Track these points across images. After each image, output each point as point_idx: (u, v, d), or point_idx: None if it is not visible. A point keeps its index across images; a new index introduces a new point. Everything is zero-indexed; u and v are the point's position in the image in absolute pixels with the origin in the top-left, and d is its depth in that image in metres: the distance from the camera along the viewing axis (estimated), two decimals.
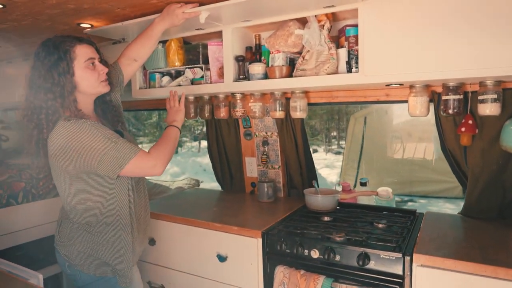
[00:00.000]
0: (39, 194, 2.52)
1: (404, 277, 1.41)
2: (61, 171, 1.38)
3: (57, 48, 1.36)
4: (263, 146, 2.37)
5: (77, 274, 1.47)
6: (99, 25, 1.96)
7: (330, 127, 12.51)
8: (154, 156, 1.42)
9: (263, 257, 1.71)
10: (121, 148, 1.34)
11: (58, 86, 1.35)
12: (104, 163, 1.32)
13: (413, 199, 6.47)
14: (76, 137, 1.31)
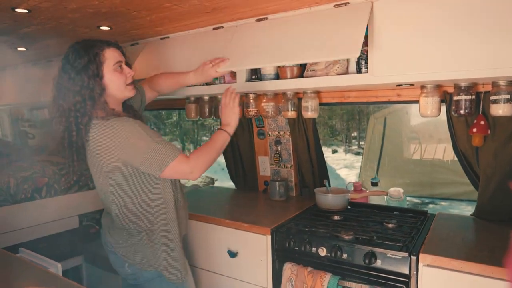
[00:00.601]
0: (61, 189, 2.64)
1: (410, 277, 1.41)
2: (106, 172, 1.39)
3: (87, 52, 1.38)
4: (275, 145, 2.40)
5: (137, 273, 1.49)
6: (117, 27, 2.05)
7: (351, 127, 12.38)
8: (193, 163, 1.41)
9: (272, 254, 1.75)
10: (162, 150, 1.35)
11: (87, 89, 1.36)
12: (146, 163, 1.34)
13: (435, 201, 6.34)
14: (121, 134, 1.32)
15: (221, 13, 1.82)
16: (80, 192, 2.75)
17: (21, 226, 2.41)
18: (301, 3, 1.68)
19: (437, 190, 6.41)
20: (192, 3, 1.67)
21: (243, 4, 1.70)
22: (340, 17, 1.63)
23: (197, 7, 1.71)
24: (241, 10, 1.79)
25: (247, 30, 1.91)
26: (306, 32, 1.70)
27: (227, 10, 1.76)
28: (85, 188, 2.78)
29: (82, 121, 1.36)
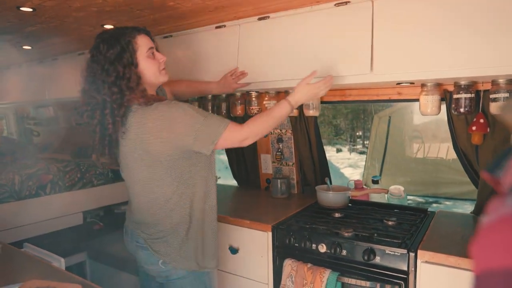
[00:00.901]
0: (65, 186, 2.68)
1: (408, 273, 1.42)
2: (151, 159, 1.32)
3: (118, 40, 1.31)
4: (277, 143, 2.42)
5: (171, 270, 1.43)
6: (121, 25, 2.07)
7: (355, 126, 12.36)
8: (247, 131, 1.38)
9: (273, 250, 1.77)
10: (212, 122, 1.31)
11: (123, 79, 1.29)
12: (199, 139, 1.30)
13: (439, 200, 6.33)
14: (168, 115, 1.28)
15: (223, 11, 1.84)
16: (84, 189, 2.79)
17: (25, 223, 2.44)
18: (302, 2, 1.70)
19: (441, 189, 6.38)
20: (195, 2, 1.69)
21: (245, 3, 1.72)
22: (343, 20, 1.64)
23: (199, 6, 1.73)
24: (243, 9, 1.81)
25: (250, 30, 1.93)
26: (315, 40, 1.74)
27: (229, 9, 1.78)
28: (89, 185, 2.82)
29: (119, 112, 1.29)
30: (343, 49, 1.66)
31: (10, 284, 1.16)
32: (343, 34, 1.65)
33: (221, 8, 1.78)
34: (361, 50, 1.60)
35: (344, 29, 1.65)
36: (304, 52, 1.77)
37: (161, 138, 1.28)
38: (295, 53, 1.81)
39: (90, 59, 1.35)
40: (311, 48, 1.75)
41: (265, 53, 1.90)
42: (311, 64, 1.76)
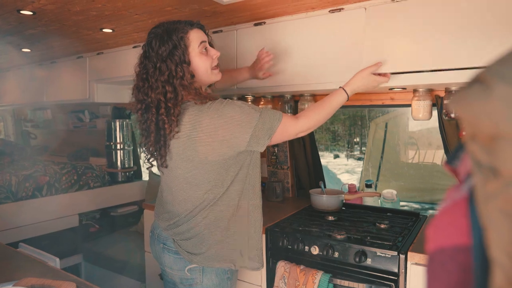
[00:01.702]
0: (62, 188, 2.69)
1: (399, 275, 1.45)
2: (203, 158, 1.27)
3: (170, 36, 1.26)
4: (273, 147, 2.45)
5: (196, 278, 1.38)
6: (119, 29, 2.10)
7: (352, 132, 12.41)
8: (301, 124, 1.34)
9: (266, 252, 1.78)
10: (267, 118, 1.27)
11: (177, 78, 1.25)
12: (255, 136, 1.26)
13: (434, 207, 6.35)
14: (224, 114, 1.23)
15: (220, 17, 1.88)
16: (80, 191, 2.80)
17: (22, 224, 2.45)
18: (298, 8, 1.74)
19: (437, 195, 6.41)
20: (192, 7, 1.73)
21: (242, 9, 1.75)
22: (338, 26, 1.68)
23: (197, 11, 1.77)
24: (240, 15, 1.84)
25: (247, 35, 1.96)
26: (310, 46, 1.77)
27: (226, 14, 1.82)
28: (86, 188, 2.84)
29: (174, 111, 1.24)
30: (338, 54, 1.70)
31: (5, 282, 1.17)
32: (338, 40, 1.69)
33: (218, 13, 1.81)
34: (354, 56, 1.64)
35: (338, 35, 1.69)
36: (300, 57, 1.81)
37: (215, 137, 1.24)
38: (290, 58, 1.84)
39: (142, 55, 1.31)
40: (306, 54, 1.79)
41: None
42: (306, 70, 1.81)
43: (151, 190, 2.99)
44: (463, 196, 0.41)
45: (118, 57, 2.58)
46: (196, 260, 1.36)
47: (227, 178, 1.32)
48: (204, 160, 1.27)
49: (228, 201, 1.35)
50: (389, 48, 1.55)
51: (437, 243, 0.43)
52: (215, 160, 1.27)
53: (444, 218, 0.43)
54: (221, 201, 1.34)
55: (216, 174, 1.30)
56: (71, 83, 2.91)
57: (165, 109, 1.24)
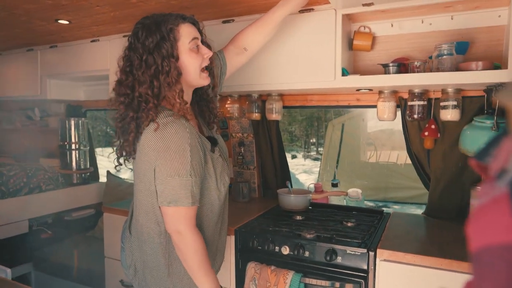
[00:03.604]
0: (9, 192, 2.48)
1: (368, 271, 1.48)
2: (141, 174, 1.23)
3: (159, 27, 1.16)
4: (239, 147, 2.42)
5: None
6: (77, 21, 1.97)
7: (309, 133, 12.71)
8: (189, 235, 1.18)
9: (236, 254, 1.75)
10: (188, 188, 1.15)
11: (163, 73, 1.15)
12: (163, 185, 1.15)
13: (387, 204, 6.66)
14: (166, 140, 1.13)
15: (187, 12, 1.78)
16: (30, 194, 2.60)
17: None
18: (267, 6, 1.71)
19: (390, 194, 6.73)
20: (158, 1, 1.66)
21: (210, 5, 1.71)
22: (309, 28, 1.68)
23: (163, 5, 1.70)
24: (208, 11, 1.80)
25: (215, 32, 1.91)
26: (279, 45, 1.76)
27: (194, 10, 1.76)
28: (37, 190, 2.63)
29: (156, 110, 1.16)
30: (307, 55, 1.71)
31: None
32: (308, 40, 1.70)
33: (185, 8, 1.76)
34: (324, 57, 1.66)
35: (308, 36, 1.70)
36: (268, 57, 1.80)
37: (149, 157, 1.17)
38: (259, 57, 1.82)
39: (127, 46, 1.21)
40: (275, 53, 1.78)
41: None
42: (274, 69, 1.80)
43: (110, 192, 2.84)
44: (503, 193, 0.41)
45: (74, 52, 2.42)
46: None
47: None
48: (142, 174, 1.23)
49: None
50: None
51: (481, 242, 0.42)
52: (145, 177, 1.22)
53: (484, 216, 0.43)
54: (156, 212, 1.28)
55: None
56: (20, 78, 2.69)
57: (153, 104, 1.16)
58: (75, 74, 2.49)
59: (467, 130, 1.58)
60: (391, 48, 1.77)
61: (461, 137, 1.60)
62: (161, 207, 1.19)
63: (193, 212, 1.19)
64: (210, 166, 1.26)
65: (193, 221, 1.19)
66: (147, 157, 1.18)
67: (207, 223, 1.33)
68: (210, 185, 1.28)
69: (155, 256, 1.27)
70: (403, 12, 1.64)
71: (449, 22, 1.63)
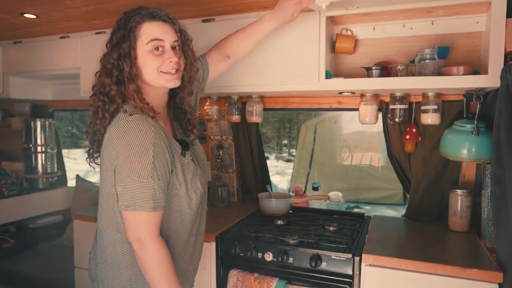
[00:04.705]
0: None
1: (353, 277, 1.46)
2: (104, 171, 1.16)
3: (125, 24, 1.13)
4: (217, 150, 2.36)
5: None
6: (46, 16, 1.85)
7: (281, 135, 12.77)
8: (150, 246, 1.09)
9: (217, 261, 1.69)
10: (150, 191, 1.08)
11: (117, 70, 1.13)
12: (123, 188, 1.08)
13: (359, 205, 6.78)
14: (128, 138, 1.07)
15: (167, 9, 1.71)
16: None
17: None
18: (249, 6, 1.68)
19: (362, 195, 6.86)
20: None
21: (190, 3, 1.65)
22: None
23: (141, 2, 1.60)
24: (188, 9, 1.74)
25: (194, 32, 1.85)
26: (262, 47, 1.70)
27: (174, 7, 1.69)
28: None
29: (109, 108, 1.13)
30: (290, 57, 1.68)
31: None
32: (290, 42, 1.67)
33: (164, 5, 1.66)
34: (308, 59, 1.63)
35: (291, 38, 1.67)
36: (250, 58, 1.75)
37: (109, 155, 1.11)
38: (240, 59, 1.77)
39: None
40: (256, 55, 1.73)
41: None
42: (256, 71, 1.76)
43: (79, 198, 2.69)
44: None
45: (41, 48, 2.27)
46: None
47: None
48: (105, 172, 1.18)
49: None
50: None
51: None
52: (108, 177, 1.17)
53: None
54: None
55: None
56: None
57: (102, 102, 1.15)
58: (41, 72, 2.34)
59: (448, 134, 1.60)
60: (372, 52, 1.77)
61: (442, 141, 1.62)
62: (121, 212, 1.11)
63: (156, 219, 1.10)
64: (179, 171, 1.18)
65: (156, 229, 1.11)
66: (107, 156, 1.12)
67: (175, 236, 1.22)
68: (179, 192, 1.19)
69: (117, 267, 1.18)
70: (386, 16, 1.65)
71: (429, 27, 1.65)
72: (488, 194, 1.51)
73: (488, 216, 1.51)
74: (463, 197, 1.68)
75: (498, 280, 1.28)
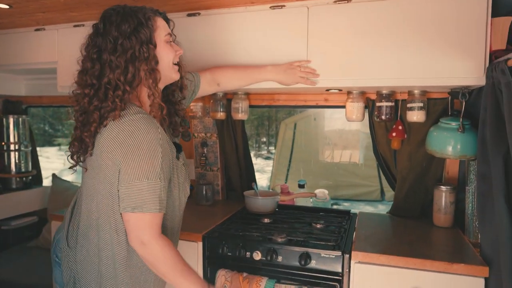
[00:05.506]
0: None
1: (343, 274, 1.46)
2: (99, 172, 1.11)
3: (136, 14, 1.10)
4: (202, 147, 2.31)
5: None
6: (19, 6, 1.74)
7: (260, 132, 12.78)
8: (153, 246, 1.07)
9: (203, 261, 1.65)
10: (156, 192, 1.05)
11: (140, 59, 1.08)
12: (129, 188, 1.04)
13: (338, 202, 6.87)
14: (137, 138, 1.03)
15: (150, 3, 1.67)
16: None
17: None
18: (237, 1, 1.64)
19: (341, 191, 6.96)
20: None
21: None
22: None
23: None
24: (173, 2, 1.68)
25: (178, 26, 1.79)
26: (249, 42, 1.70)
27: (157, 1, 1.63)
28: None
29: (122, 98, 1.06)
30: (277, 53, 1.65)
31: None
32: (279, 38, 1.65)
33: (147, 0, 1.61)
34: (296, 55, 1.61)
35: (279, 33, 1.64)
36: (238, 54, 1.72)
37: (112, 154, 1.06)
38: (226, 54, 1.74)
39: (93, 33, 1.12)
40: (244, 50, 1.71)
41: (193, 53, 1.78)
42: None
43: (55, 198, 2.58)
44: None
45: (14, 41, 2.15)
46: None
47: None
48: (101, 173, 1.13)
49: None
50: (331, 49, 1.56)
51: None
52: (106, 176, 1.12)
53: None
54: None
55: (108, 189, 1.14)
56: None
57: (123, 91, 1.07)
58: (15, 66, 2.22)
59: (434, 132, 1.62)
60: None
61: (428, 138, 1.64)
62: (123, 214, 1.07)
63: (159, 220, 1.09)
64: (174, 173, 1.18)
65: (159, 229, 1.09)
66: (111, 155, 1.06)
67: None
68: (173, 194, 1.20)
69: (113, 267, 1.14)
70: None
71: None
72: (472, 190, 1.54)
73: (472, 211, 1.54)
74: (447, 193, 1.71)
75: (484, 274, 1.31)
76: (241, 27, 1.71)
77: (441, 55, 1.43)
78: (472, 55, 1.40)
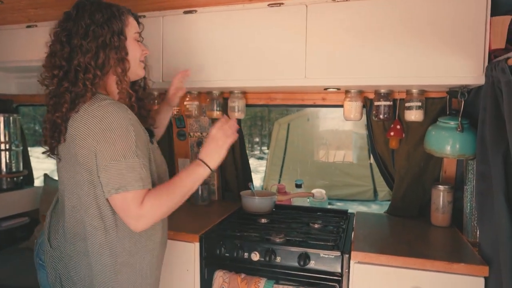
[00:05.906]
0: None
1: (342, 274, 1.45)
2: (74, 162, 1.10)
3: (110, 7, 1.14)
4: (197, 147, 2.28)
5: None
6: (11, 2, 1.70)
7: (253, 133, 12.78)
8: (146, 210, 1.05)
9: (200, 262, 1.63)
10: (136, 169, 1.05)
11: (111, 48, 1.11)
12: (108, 171, 1.04)
13: (331, 202, 6.88)
14: (107, 121, 1.04)
15: (145, 0, 1.65)
16: None
17: None
18: None
19: (335, 191, 6.97)
20: None
21: None
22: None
23: None
24: None
25: (175, 23, 1.77)
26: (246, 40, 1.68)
27: None
28: None
29: (99, 81, 1.11)
30: (276, 51, 1.64)
31: None
32: (277, 36, 1.63)
33: None
34: (294, 53, 1.60)
35: (277, 31, 1.63)
36: (235, 52, 1.70)
37: (85, 142, 1.06)
38: (224, 52, 1.72)
39: (63, 18, 1.13)
40: (241, 49, 1.69)
41: (190, 50, 1.77)
42: (241, 65, 1.70)
43: (47, 198, 2.52)
44: None
45: (5, 38, 2.11)
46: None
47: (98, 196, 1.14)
48: (75, 163, 1.14)
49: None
50: (328, 49, 1.55)
51: None
52: (81, 167, 1.12)
53: None
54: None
55: (86, 180, 1.15)
56: None
57: (93, 75, 1.09)
58: (5, 64, 2.16)
59: (432, 131, 1.61)
60: None
61: (427, 138, 1.63)
62: (109, 198, 1.07)
63: (142, 195, 1.07)
64: (151, 157, 1.20)
65: (142, 197, 1.07)
66: (84, 142, 1.06)
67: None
68: (153, 176, 1.19)
69: (101, 257, 1.13)
70: None
71: None
72: (471, 190, 1.54)
73: (470, 211, 1.54)
74: (445, 193, 1.71)
75: (484, 274, 1.31)
76: (239, 24, 1.69)
77: (440, 54, 1.43)
78: (471, 54, 1.41)
